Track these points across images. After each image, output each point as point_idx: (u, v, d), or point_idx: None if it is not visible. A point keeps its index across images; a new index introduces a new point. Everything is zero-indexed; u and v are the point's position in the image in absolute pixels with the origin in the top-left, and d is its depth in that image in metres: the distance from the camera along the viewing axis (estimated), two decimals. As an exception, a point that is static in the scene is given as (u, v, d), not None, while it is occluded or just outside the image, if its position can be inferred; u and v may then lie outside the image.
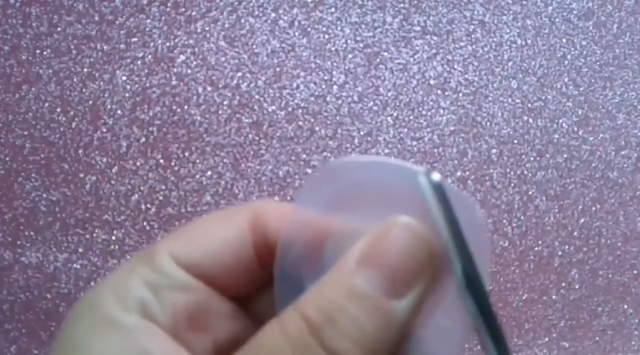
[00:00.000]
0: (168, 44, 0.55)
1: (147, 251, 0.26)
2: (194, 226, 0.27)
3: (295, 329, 0.22)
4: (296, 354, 0.21)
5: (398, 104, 0.57)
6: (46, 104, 0.53)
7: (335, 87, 0.57)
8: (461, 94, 0.58)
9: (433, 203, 0.22)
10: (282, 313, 0.23)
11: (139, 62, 0.55)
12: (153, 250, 0.26)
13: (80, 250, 0.52)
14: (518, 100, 0.59)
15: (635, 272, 0.58)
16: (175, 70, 0.55)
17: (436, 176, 0.22)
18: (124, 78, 0.54)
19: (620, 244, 0.58)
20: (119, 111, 0.54)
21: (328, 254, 0.24)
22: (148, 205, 0.53)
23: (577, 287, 0.57)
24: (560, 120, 0.59)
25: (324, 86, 0.57)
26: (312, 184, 0.25)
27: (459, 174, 0.57)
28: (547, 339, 0.56)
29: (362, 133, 0.56)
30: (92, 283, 0.53)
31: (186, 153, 0.54)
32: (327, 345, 0.21)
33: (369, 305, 0.22)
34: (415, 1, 0.59)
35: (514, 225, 0.57)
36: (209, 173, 0.54)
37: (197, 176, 0.54)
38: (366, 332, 0.22)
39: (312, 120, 0.56)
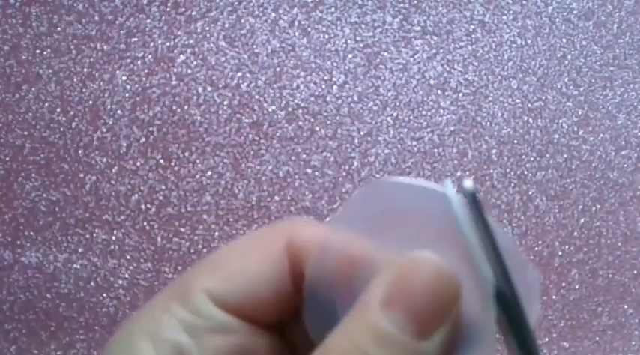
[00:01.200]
0: (168, 44, 0.55)
1: (180, 286, 0.25)
2: (227, 256, 0.25)
3: None
4: None
5: (398, 104, 0.57)
6: (46, 104, 0.53)
7: (335, 87, 0.57)
8: (461, 94, 0.58)
9: (462, 213, 0.22)
10: None
11: (139, 62, 0.55)
12: (188, 287, 0.24)
13: (80, 250, 0.52)
14: (518, 100, 0.59)
15: (635, 272, 0.58)
16: (175, 70, 0.55)
17: (468, 183, 0.21)
18: (124, 78, 0.54)
19: (620, 244, 0.58)
20: (119, 111, 0.54)
21: (360, 280, 0.24)
22: (148, 205, 0.53)
23: (577, 287, 0.57)
24: (560, 120, 0.59)
25: (324, 86, 0.57)
26: (350, 205, 0.24)
27: (459, 174, 0.57)
28: (547, 339, 0.56)
29: (362, 133, 0.56)
30: (92, 283, 0.53)
31: (186, 153, 0.54)
32: None
33: (397, 348, 0.21)
34: (415, 1, 0.59)
35: (514, 225, 0.57)
36: (209, 173, 0.54)
37: (197, 176, 0.54)
38: None
39: (312, 120, 0.56)
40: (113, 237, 0.53)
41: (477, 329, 0.23)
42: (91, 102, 0.54)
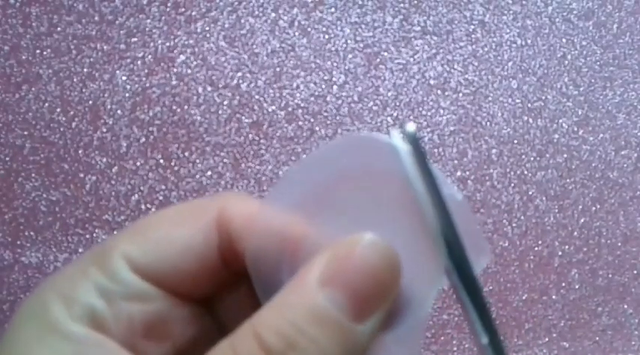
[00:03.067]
0: (168, 44, 0.55)
1: (99, 251, 0.24)
2: (153, 224, 0.24)
3: None
4: None
5: (398, 104, 0.57)
6: (46, 104, 0.53)
7: (335, 87, 0.57)
8: (461, 94, 0.58)
9: (408, 157, 0.21)
10: (235, 333, 0.21)
11: (139, 62, 0.55)
12: (107, 252, 0.23)
13: (80, 250, 0.52)
14: (518, 100, 0.59)
15: (635, 272, 0.58)
16: (175, 70, 0.55)
17: (411, 126, 0.21)
18: (124, 78, 0.54)
19: (620, 244, 0.58)
20: (119, 111, 0.54)
21: (301, 255, 0.23)
22: (148, 205, 0.53)
23: (577, 287, 0.57)
24: (560, 120, 0.59)
25: (324, 86, 0.57)
26: (283, 181, 0.23)
27: (459, 174, 0.57)
28: (547, 339, 0.56)
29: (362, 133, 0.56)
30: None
31: (186, 153, 0.54)
32: None
33: (333, 328, 0.20)
34: (415, 1, 0.59)
35: (514, 225, 0.57)
36: (209, 173, 0.54)
37: (197, 176, 0.54)
38: None
39: (312, 120, 0.56)
40: (113, 237, 0.53)
41: (417, 299, 0.22)
42: (91, 102, 0.54)
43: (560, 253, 0.57)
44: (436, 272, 0.22)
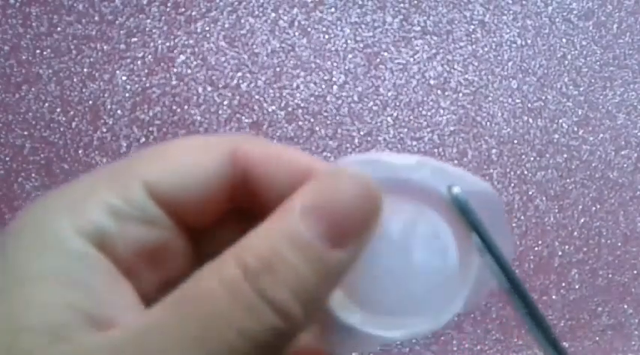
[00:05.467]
0: (168, 44, 0.55)
1: (118, 171, 0.24)
2: (171, 150, 0.24)
3: (230, 275, 0.20)
4: (230, 302, 0.20)
5: (398, 104, 0.57)
6: (46, 104, 0.53)
7: (335, 87, 0.57)
8: (461, 94, 0.58)
9: (459, 214, 0.23)
10: (220, 256, 0.21)
11: (139, 62, 0.55)
12: (126, 173, 0.23)
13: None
14: (518, 100, 0.59)
15: (635, 272, 0.58)
16: (175, 70, 0.55)
17: (456, 189, 0.23)
18: (124, 78, 0.54)
19: (620, 244, 0.58)
20: (119, 111, 0.54)
21: None
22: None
23: (577, 287, 0.57)
24: (560, 120, 0.59)
25: (324, 86, 0.57)
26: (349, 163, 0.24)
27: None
28: (547, 339, 0.56)
29: (362, 133, 0.56)
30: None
31: (186, 153, 0.54)
32: (263, 293, 0.20)
33: (309, 254, 0.21)
34: (415, 1, 0.59)
35: (514, 225, 0.57)
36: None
37: (197, 176, 0.54)
38: (304, 281, 0.21)
39: (312, 120, 0.56)
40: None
41: (441, 299, 0.24)
42: (91, 102, 0.54)
43: (560, 253, 0.57)
44: (463, 281, 0.24)
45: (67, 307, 0.21)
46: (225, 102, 0.55)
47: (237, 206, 0.25)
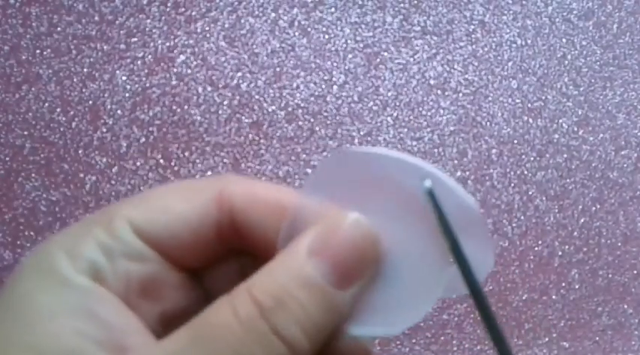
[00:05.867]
0: (168, 44, 0.55)
1: (104, 214, 0.25)
2: (157, 195, 0.26)
3: (246, 311, 0.22)
4: (246, 336, 0.22)
5: (398, 104, 0.57)
6: (46, 104, 0.53)
7: (335, 87, 0.57)
8: (461, 94, 0.58)
9: (429, 207, 0.24)
10: (232, 293, 0.23)
11: (139, 62, 0.55)
12: (111, 214, 0.25)
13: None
14: (518, 100, 0.59)
15: (635, 272, 0.58)
16: (175, 70, 0.55)
17: (427, 182, 0.24)
18: (124, 78, 0.54)
19: (620, 244, 0.58)
20: (119, 111, 0.54)
21: None
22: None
23: (577, 287, 0.57)
24: (560, 120, 0.59)
25: (324, 86, 0.57)
26: (320, 172, 0.26)
27: (459, 174, 0.57)
28: (547, 339, 0.56)
29: (362, 133, 0.56)
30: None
31: (186, 153, 0.54)
32: (275, 329, 0.22)
33: (317, 293, 0.23)
34: (415, 1, 0.59)
35: (514, 225, 0.57)
36: (209, 173, 0.54)
37: (197, 176, 0.54)
38: (313, 319, 0.23)
39: (312, 120, 0.56)
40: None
41: (423, 290, 0.25)
42: (91, 102, 0.54)
43: (560, 253, 0.57)
44: (438, 276, 0.25)
45: (79, 334, 0.23)
46: (225, 102, 0.55)
47: (232, 246, 0.27)
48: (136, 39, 0.55)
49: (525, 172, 0.58)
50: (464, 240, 0.24)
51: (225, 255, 0.27)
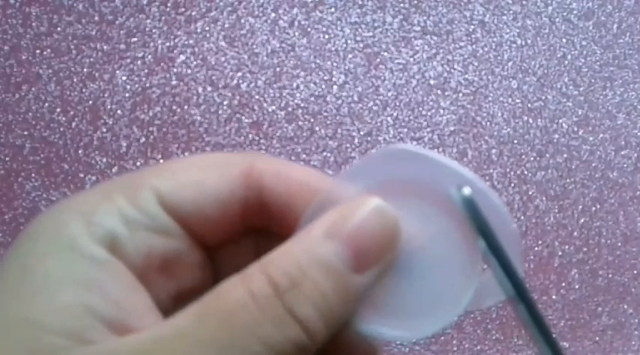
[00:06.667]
0: (168, 44, 0.55)
1: (130, 180, 0.24)
2: (185, 166, 0.25)
3: (260, 289, 0.22)
4: (261, 315, 0.21)
5: (398, 104, 0.57)
6: (46, 104, 0.53)
7: (335, 87, 0.57)
8: (461, 94, 0.58)
9: (467, 216, 0.23)
10: (245, 271, 0.22)
11: (139, 62, 0.55)
12: (137, 182, 0.24)
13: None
14: (518, 100, 0.59)
15: (635, 272, 0.58)
16: (175, 70, 0.55)
17: (467, 190, 0.23)
18: (124, 78, 0.54)
19: (620, 244, 0.58)
20: (119, 111, 0.54)
21: None
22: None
23: (577, 287, 0.57)
24: (560, 120, 0.59)
25: (324, 86, 0.57)
26: (358, 164, 0.25)
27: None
28: (547, 339, 0.56)
29: (362, 133, 0.56)
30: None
31: (186, 153, 0.54)
32: (291, 310, 0.22)
33: (333, 276, 0.22)
34: (415, 1, 0.59)
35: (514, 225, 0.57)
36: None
37: (197, 176, 0.54)
38: (328, 301, 0.22)
39: (312, 120, 0.56)
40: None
41: (448, 298, 0.24)
42: (91, 102, 0.54)
43: (560, 253, 0.57)
44: (465, 285, 0.24)
45: (86, 311, 0.21)
46: (225, 102, 0.55)
47: (252, 224, 0.26)
48: (136, 39, 0.55)
49: (525, 172, 0.58)
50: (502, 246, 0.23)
51: (243, 232, 0.26)
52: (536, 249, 0.57)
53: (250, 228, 0.26)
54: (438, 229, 0.24)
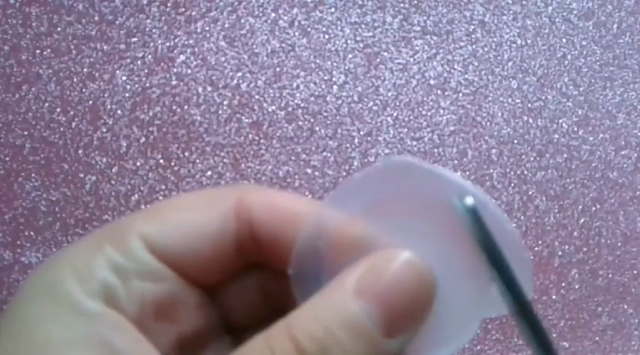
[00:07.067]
0: (168, 44, 0.55)
1: (116, 228, 0.23)
2: (171, 207, 0.24)
3: None
4: None
5: (398, 104, 0.57)
6: (46, 104, 0.53)
7: (335, 87, 0.57)
8: (461, 94, 0.58)
9: (469, 227, 0.22)
10: (270, 331, 0.21)
11: (139, 62, 0.55)
12: (124, 230, 0.23)
13: (80, 250, 0.52)
14: (518, 100, 0.59)
15: (635, 272, 0.58)
16: (175, 70, 0.55)
17: (469, 200, 0.22)
18: (124, 78, 0.54)
19: (620, 244, 0.58)
20: (119, 111, 0.54)
21: (349, 261, 0.23)
22: (148, 205, 0.53)
23: (577, 287, 0.57)
24: (560, 120, 0.59)
25: (324, 86, 0.57)
26: (345, 184, 0.24)
27: (458, 174, 0.57)
28: (547, 339, 0.56)
29: (362, 133, 0.56)
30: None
31: (186, 153, 0.54)
32: None
33: (363, 339, 0.21)
34: (415, 1, 0.59)
35: (514, 225, 0.57)
36: (209, 173, 0.54)
37: (197, 176, 0.54)
38: None
39: (312, 120, 0.56)
40: (113, 237, 0.53)
41: (457, 325, 0.23)
42: (91, 102, 0.54)
43: (560, 253, 0.57)
44: (478, 300, 0.23)
45: None
46: (225, 102, 0.55)
47: (251, 259, 0.25)
48: (136, 39, 0.55)
49: (525, 172, 0.58)
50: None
51: (243, 269, 0.25)
52: (536, 249, 0.57)
53: (251, 264, 0.25)
54: (444, 252, 0.23)
